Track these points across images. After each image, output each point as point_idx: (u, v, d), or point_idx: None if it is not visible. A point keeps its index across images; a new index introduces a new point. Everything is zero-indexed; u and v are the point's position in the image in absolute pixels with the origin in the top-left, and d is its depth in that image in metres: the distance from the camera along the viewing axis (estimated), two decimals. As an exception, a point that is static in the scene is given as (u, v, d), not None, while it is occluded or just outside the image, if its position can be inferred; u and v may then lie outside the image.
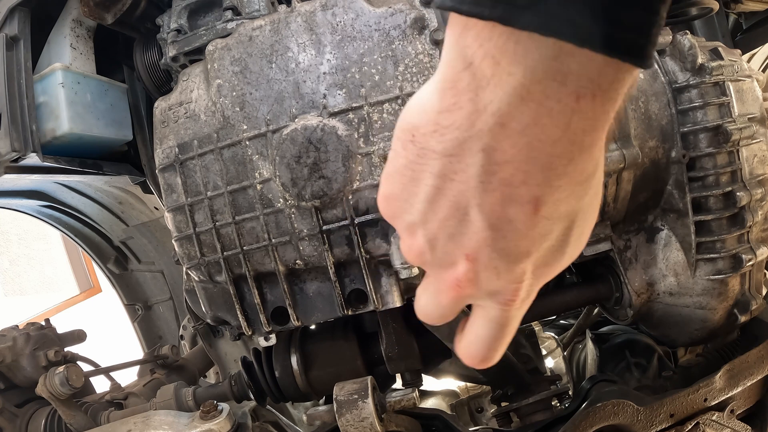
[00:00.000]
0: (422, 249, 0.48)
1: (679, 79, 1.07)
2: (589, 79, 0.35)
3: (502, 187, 0.40)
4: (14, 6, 1.23)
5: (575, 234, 0.46)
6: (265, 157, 0.97)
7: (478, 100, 0.38)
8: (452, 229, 0.45)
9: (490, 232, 0.43)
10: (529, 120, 0.37)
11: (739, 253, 1.08)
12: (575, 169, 0.40)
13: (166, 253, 2.04)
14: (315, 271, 1.01)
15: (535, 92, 0.36)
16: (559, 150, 0.38)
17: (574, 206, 0.43)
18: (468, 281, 0.47)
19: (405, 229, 0.50)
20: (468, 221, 0.43)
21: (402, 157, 0.46)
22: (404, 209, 0.48)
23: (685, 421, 1.11)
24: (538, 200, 0.40)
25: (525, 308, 0.51)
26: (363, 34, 0.97)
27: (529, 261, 0.45)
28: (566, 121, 0.37)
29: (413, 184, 0.46)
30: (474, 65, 0.37)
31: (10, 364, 1.27)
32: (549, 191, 0.40)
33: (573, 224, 0.45)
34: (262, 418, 1.22)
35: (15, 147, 1.21)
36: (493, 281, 0.47)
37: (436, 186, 0.44)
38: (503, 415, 1.22)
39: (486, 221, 0.43)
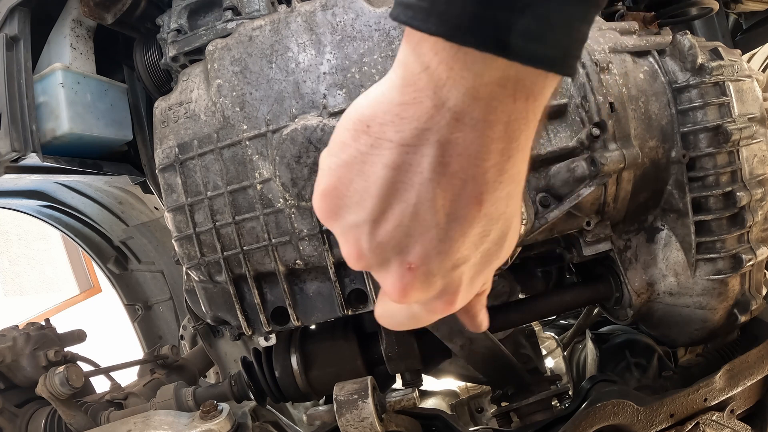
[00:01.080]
0: (367, 254, 0.47)
1: (679, 79, 1.07)
2: (523, 84, 0.41)
3: (452, 181, 0.43)
4: (14, 6, 1.23)
5: (509, 238, 0.49)
6: (265, 157, 0.97)
7: (436, 97, 0.42)
8: (401, 230, 0.45)
9: (436, 231, 0.45)
10: (480, 116, 0.41)
11: (739, 253, 1.08)
12: (513, 166, 0.45)
13: (166, 253, 2.04)
14: (315, 271, 1.01)
15: (483, 93, 0.41)
16: (501, 146, 0.43)
17: (510, 208, 0.47)
18: (414, 288, 0.47)
19: (347, 231, 0.48)
20: (417, 221, 0.45)
21: (352, 148, 0.45)
22: (348, 208, 0.47)
23: (685, 421, 1.11)
24: (482, 196, 0.44)
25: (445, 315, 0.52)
26: (363, 34, 0.97)
27: (467, 266, 0.48)
28: (507, 119, 0.42)
29: (363, 178, 0.45)
30: (431, 68, 0.41)
31: (10, 364, 1.27)
32: (492, 188, 0.44)
33: (508, 228, 0.48)
34: (262, 418, 1.22)
35: (15, 147, 1.20)
36: (431, 290, 0.48)
37: (389, 178, 0.44)
38: (503, 415, 1.22)
39: (434, 218, 0.44)
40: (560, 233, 1.10)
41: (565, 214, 1.04)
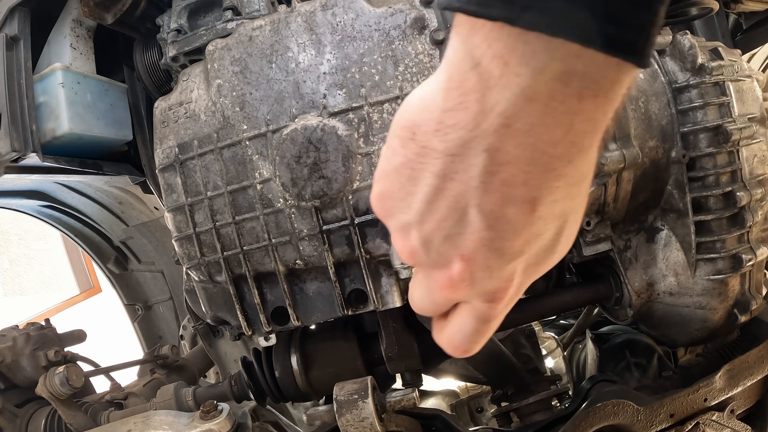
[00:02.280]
0: (416, 249, 0.48)
1: (679, 79, 1.07)
2: (592, 79, 0.36)
3: (502, 188, 0.41)
4: (14, 6, 1.23)
5: (566, 233, 0.46)
6: (265, 157, 0.97)
7: (485, 100, 0.38)
8: (449, 230, 0.45)
9: (487, 233, 0.43)
10: (535, 120, 0.37)
11: (739, 253, 1.08)
12: (573, 170, 0.40)
13: (166, 253, 2.04)
14: (315, 271, 1.01)
15: (541, 93, 0.36)
16: (560, 151, 0.39)
17: (568, 206, 0.43)
18: (461, 281, 0.47)
19: (399, 229, 0.49)
20: (466, 222, 0.44)
21: (400, 155, 0.45)
22: (400, 209, 0.48)
23: (685, 421, 1.11)
24: (535, 200, 0.41)
25: (511, 305, 0.51)
26: (363, 34, 0.97)
27: (521, 260, 0.46)
28: (569, 122, 0.37)
29: (411, 183, 0.45)
30: (482, 66, 0.37)
31: (10, 364, 1.27)
32: (547, 192, 0.41)
33: (565, 224, 0.45)
34: (262, 418, 1.22)
35: (15, 147, 1.20)
36: (486, 281, 0.47)
37: (436, 186, 0.43)
38: (503, 415, 1.22)
39: (484, 221, 0.43)
40: (560, 233, 1.10)
41: (565, 214, 1.04)
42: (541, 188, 0.40)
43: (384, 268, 0.98)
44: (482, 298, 0.49)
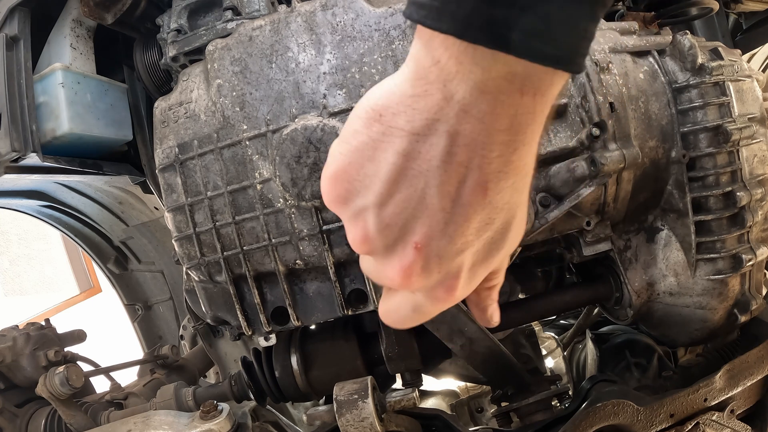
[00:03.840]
0: (371, 235, 0.49)
1: (679, 79, 1.07)
2: (530, 80, 0.43)
3: (459, 169, 0.45)
4: (14, 6, 1.23)
5: (513, 228, 0.51)
6: (265, 157, 0.97)
7: (446, 90, 0.44)
8: (408, 213, 0.48)
9: (442, 215, 0.47)
10: (486, 109, 0.43)
11: (739, 253, 1.08)
12: (519, 159, 0.46)
13: (166, 253, 2.04)
14: (315, 271, 1.01)
15: (490, 87, 0.43)
16: (507, 138, 0.45)
17: (515, 199, 0.48)
18: (414, 271, 0.49)
19: (354, 215, 0.50)
20: (423, 205, 0.47)
21: (363, 134, 0.48)
22: (357, 191, 0.49)
23: (685, 421, 1.11)
24: (487, 184, 0.46)
25: (448, 306, 0.53)
26: (363, 34, 0.97)
27: (470, 252, 0.49)
28: (513, 112, 0.44)
29: (373, 163, 0.48)
30: (441, 63, 0.43)
31: (10, 364, 1.27)
32: (496, 177, 0.46)
33: (512, 218, 0.50)
34: (262, 418, 1.22)
35: (15, 147, 1.20)
36: (435, 274, 0.49)
37: (399, 164, 0.46)
38: (503, 415, 1.22)
39: (441, 202, 0.46)
40: (560, 233, 1.10)
41: (565, 214, 1.04)
42: (491, 174, 0.46)
43: (384, 268, 0.98)
44: (428, 295, 0.52)
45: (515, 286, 1.26)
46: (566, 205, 1.03)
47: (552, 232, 1.09)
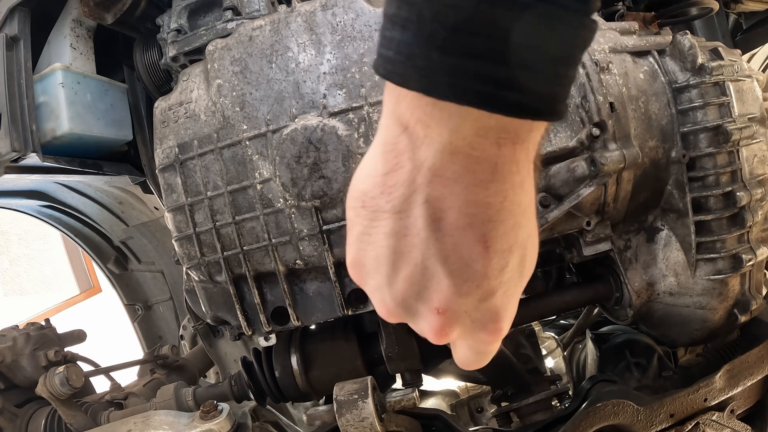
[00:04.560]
0: (393, 310, 0.50)
1: (679, 79, 1.07)
2: (506, 131, 0.40)
3: (451, 234, 0.44)
4: (14, 6, 1.23)
5: (528, 260, 0.49)
6: (265, 157, 0.97)
7: (415, 158, 0.42)
8: (417, 286, 0.47)
9: (451, 280, 0.45)
10: (461, 169, 0.41)
11: (739, 253, 1.08)
12: (512, 203, 0.43)
13: (166, 253, 2.04)
14: (315, 271, 1.01)
15: (461, 146, 0.41)
16: (493, 190, 0.42)
17: (521, 235, 0.46)
18: (447, 330, 0.48)
19: (373, 292, 0.52)
20: (429, 275, 0.46)
21: (357, 224, 0.48)
22: (369, 274, 0.50)
23: (685, 421, 1.11)
24: (485, 238, 0.44)
25: (501, 339, 0.52)
26: (363, 34, 0.97)
27: (498, 295, 0.47)
28: (492, 165, 0.41)
29: (372, 248, 0.48)
30: (409, 128, 0.42)
31: (10, 364, 1.27)
32: (493, 228, 0.44)
33: (526, 251, 0.47)
34: (262, 418, 1.22)
35: (15, 147, 1.20)
36: (468, 326, 0.49)
37: (392, 246, 0.46)
38: (503, 415, 1.22)
39: (445, 269, 0.45)
40: (560, 233, 1.10)
41: (565, 214, 1.04)
42: (485, 226, 0.43)
43: (384, 268, 0.98)
44: (476, 339, 0.51)
45: (515, 286, 1.26)
46: (566, 205, 1.03)
47: (552, 232, 1.09)
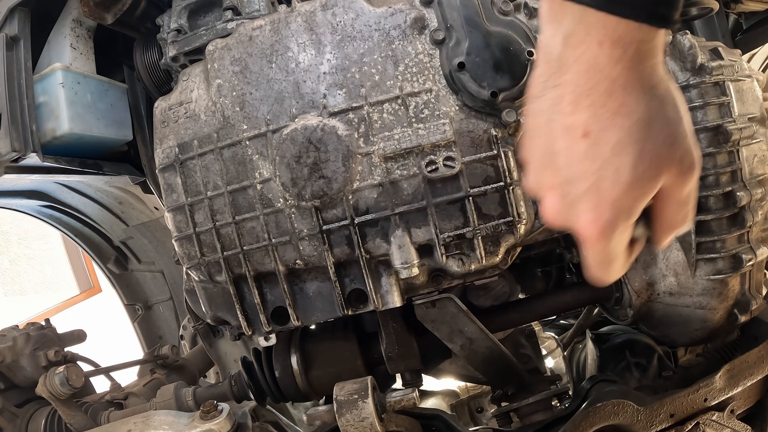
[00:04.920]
0: (558, 209, 0.58)
1: (679, 78, 1.07)
2: (604, 31, 0.50)
3: (560, 118, 0.54)
4: (14, 6, 1.23)
5: (650, 145, 0.53)
6: (265, 157, 0.97)
7: (548, 52, 0.54)
8: (541, 165, 0.58)
9: (552, 157, 0.56)
10: (573, 58, 0.52)
11: (739, 253, 1.08)
12: (615, 101, 0.52)
13: (166, 253, 2.04)
14: (315, 271, 1.01)
15: (572, 39, 0.52)
16: (595, 81, 0.52)
17: (619, 135, 0.52)
18: (556, 208, 0.58)
19: (545, 194, 0.60)
20: (550, 158, 0.56)
21: (536, 130, 0.58)
22: (535, 173, 0.60)
23: (685, 421, 1.11)
24: (586, 127, 0.53)
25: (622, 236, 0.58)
26: (363, 34, 0.97)
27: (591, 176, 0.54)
28: (594, 57, 0.51)
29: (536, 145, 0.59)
30: (554, 33, 0.53)
31: (10, 364, 1.27)
32: (592, 119, 0.53)
33: (633, 142, 0.52)
34: (262, 418, 1.22)
35: (15, 147, 1.20)
36: (566, 198, 0.57)
37: (529, 125, 0.58)
38: (503, 415, 1.22)
39: (555, 140, 0.55)
40: (560, 233, 1.10)
41: (565, 214, 1.04)
42: (588, 116, 0.53)
43: (384, 267, 0.98)
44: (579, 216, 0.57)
45: (515, 286, 1.26)
46: (566, 205, 1.02)
47: (552, 232, 1.09)
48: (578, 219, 0.56)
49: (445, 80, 0.95)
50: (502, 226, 0.95)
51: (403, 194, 0.94)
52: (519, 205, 0.96)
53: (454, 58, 0.94)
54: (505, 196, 0.95)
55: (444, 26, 0.96)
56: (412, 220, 0.95)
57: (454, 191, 0.94)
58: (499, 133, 0.94)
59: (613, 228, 0.55)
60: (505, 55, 0.93)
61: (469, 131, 0.94)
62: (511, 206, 0.95)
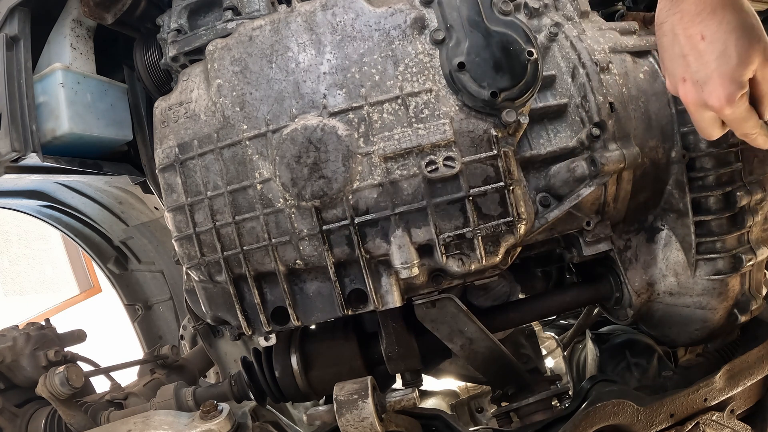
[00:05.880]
0: (689, 90, 0.87)
1: (679, 79, 1.07)
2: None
3: (682, 31, 0.84)
4: (14, 6, 1.23)
5: (744, 38, 0.81)
6: (265, 157, 0.97)
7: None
8: (675, 66, 0.88)
9: (683, 59, 0.86)
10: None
11: (739, 253, 1.08)
12: (717, 16, 0.80)
13: (166, 253, 2.04)
14: (315, 271, 1.01)
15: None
16: (702, 6, 0.81)
17: (725, 36, 0.81)
18: (691, 92, 0.87)
19: (689, 84, 0.88)
20: (681, 59, 0.85)
21: (665, 43, 0.89)
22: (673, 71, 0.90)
23: (685, 421, 1.11)
24: (702, 33, 0.82)
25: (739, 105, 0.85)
26: (363, 34, 0.97)
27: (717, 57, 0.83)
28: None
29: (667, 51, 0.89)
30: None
31: (10, 364, 1.27)
32: (706, 28, 0.81)
33: (733, 38, 0.81)
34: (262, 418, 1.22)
35: (15, 147, 1.20)
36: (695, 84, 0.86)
37: (671, 40, 0.87)
38: (503, 415, 1.22)
39: (682, 47, 0.85)
40: (560, 233, 1.10)
41: (565, 214, 1.04)
42: (702, 24, 0.82)
43: (384, 267, 0.98)
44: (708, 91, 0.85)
45: (515, 286, 1.26)
46: (566, 205, 1.03)
47: (552, 232, 1.09)
48: (710, 95, 0.83)
49: (445, 80, 0.95)
50: (502, 226, 0.95)
51: (403, 194, 0.94)
52: (519, 205, 0.96)
53: (454, 58, 0.94)
54: (505, 196, 0.95)
55: (444, 26, 0.96)
56: (412, 220, 0.95)
57: (454, 191, 0.94)
58: (499, 133, 0.94)
59: (735, 94, 0.81)
60: (505, 55, 0.93)
61: (469, 131, 0.94)
62: (511, 206, 0.95)
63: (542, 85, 1.02)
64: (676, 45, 0.85)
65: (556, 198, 1.04)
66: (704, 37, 0.81)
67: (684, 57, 0.84)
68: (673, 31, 0.84)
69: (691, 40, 0.82)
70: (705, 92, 0.84)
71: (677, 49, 0.85)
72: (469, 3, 0.96)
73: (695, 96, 0.86)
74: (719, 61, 0.81)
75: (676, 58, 0.86)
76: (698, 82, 0.84)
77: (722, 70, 0.81)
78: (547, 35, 1.08)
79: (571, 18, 1.12)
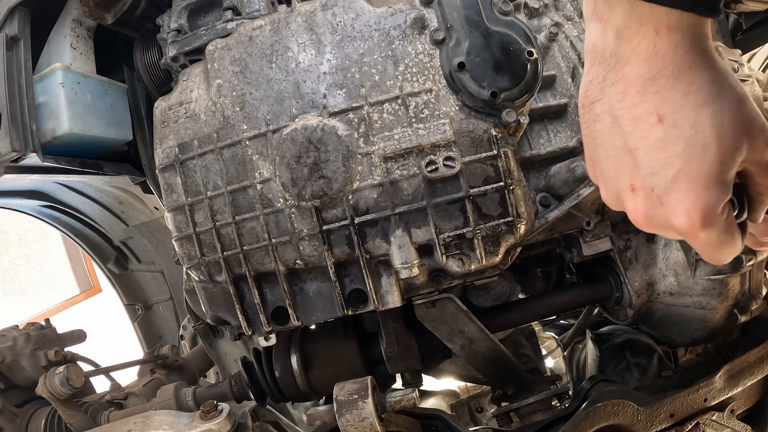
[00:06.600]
0: (645, 211, 0.56)
1: (679, 79, 1.07)
2: (658, 20, 0.50)
3: (628, 111, 0.53)
4: (14, 6, 1.23)
5: (725, 112, 0.52)
6: (265, 157, 0.97)
7: (601, 50, 0.54)
8: (616, 168, 0.56)
9: (629, 156, 0.55)
10: (630, 49, 0.52)
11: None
12: (683, 82, 0.51)
13: (166, 253, 2.04)
14: (315, 271, 1.01)
15: (625, 31, 0.52)
16: (658, 67, 0.52)
17: (696, 112, 0.51)
18: (642, 207, 0.55)
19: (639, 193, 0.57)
20: (626, 157, 0.55)
21: (593, 134, 0.58)
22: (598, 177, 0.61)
23: (685, 421, 1.11)
24: (659, 112, 0.52)
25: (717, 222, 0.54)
26: (363, 34, 0.97)
27: (680, 171, 0.52)
28: (652, 45, 0.51)
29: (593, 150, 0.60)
30: (601, 31, 0.54)
31: (10, 364, 1.27)
32: (664, 103, 0.52)
33: (709, 114, 0.51)
34: (262, 418, 1.22)
35: (15, 147, 1.21)
36: (657, 206, 0.54)
37: (609, 129, 0.56)
38: (503, 415, 1.22)
39: (627, 137, 0.54)
40: (560, 233, 1.10)
41: (565, 214, 1.04)
42: (657, 101, 0.53)
43: (384, 268, 0.98)
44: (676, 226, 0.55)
45: (515, 286, 1.26)
46: (566, 205, 1.03)
47: (552, 232, 1.09)
48: (674, 211, 0.53)
49: (445, 80, 0.95)
50: (502, 226, 0.95)
51: (403, 194, 0.94)
52: (519, 205, 0.96)
53: (454, 58, 0.94)
54: (505, 196, 0.95)
55: (444, 26, 0.96)
56: (412, 220, 0.95)
57: (454, 191, 0.94)
58: (499, 133, 0.94)
59: (715, 207, 0.52)
60: (505, 55, 0.93)
61: (469, 131, 0.94)
62: (511, 206, 0.95)
63: (542, 85, 1.02)
64: (616, 135, 0.54)
65: (556, 198, 1.04)
66: (662, 117, 0.51)
67: (631, 153, 0.54)
68: (612, 113, 0.54)
69: (641, 124, 0.52)
70: (666, 207, 0.53)
71: (619, 142, 0.54)
72: (469, 3, 0.96)
73: (650, 213, 0.55)
74: (688, 154, 0.51)
75: (617, 155, 0.55)
76: (654, 192, 0.53)
77: (694, 168, 0.51)
78: (547, 35, 1.08)
79: (571, 18, 1.12)
